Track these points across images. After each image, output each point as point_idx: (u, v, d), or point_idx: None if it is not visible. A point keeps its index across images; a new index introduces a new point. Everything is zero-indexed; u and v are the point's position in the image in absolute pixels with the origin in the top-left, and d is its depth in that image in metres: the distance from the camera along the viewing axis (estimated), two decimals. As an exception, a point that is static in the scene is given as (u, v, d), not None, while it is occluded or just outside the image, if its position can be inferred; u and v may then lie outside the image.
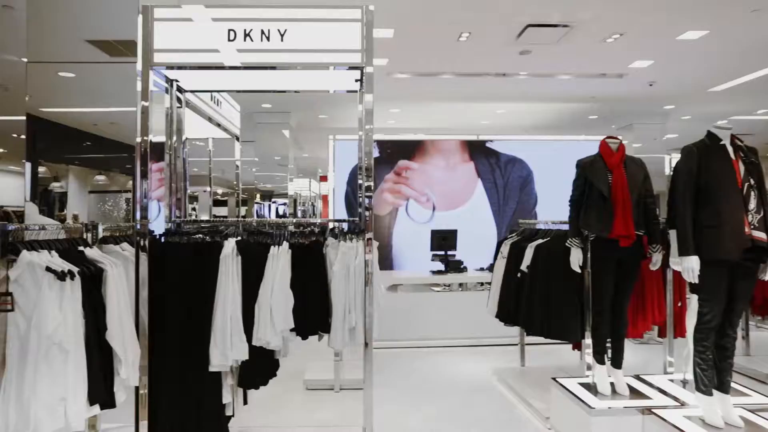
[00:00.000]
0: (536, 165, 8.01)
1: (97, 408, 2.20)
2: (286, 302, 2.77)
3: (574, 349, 4.15)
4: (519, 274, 3.92)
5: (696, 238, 2.70)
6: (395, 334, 5.58)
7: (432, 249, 6.35)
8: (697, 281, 2.72)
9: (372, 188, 2.99)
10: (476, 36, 6.01)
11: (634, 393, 3.25)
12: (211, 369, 2.70)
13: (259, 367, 2.87)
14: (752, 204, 2.68)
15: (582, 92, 8.66)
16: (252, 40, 2.86)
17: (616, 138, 3.29)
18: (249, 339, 2.73)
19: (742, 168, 2.73)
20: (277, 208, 12.64)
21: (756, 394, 3.25)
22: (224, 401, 2.85)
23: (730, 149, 2.77)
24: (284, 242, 2.89)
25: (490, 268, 4.81)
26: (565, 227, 3.50)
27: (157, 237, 2.87)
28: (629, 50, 6.51)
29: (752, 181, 2.71)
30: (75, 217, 4.03)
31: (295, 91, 3.76)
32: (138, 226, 2.71)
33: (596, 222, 3.11)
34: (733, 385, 3.16)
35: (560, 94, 8.87)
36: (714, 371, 2.82)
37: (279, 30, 2.88)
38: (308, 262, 2.95)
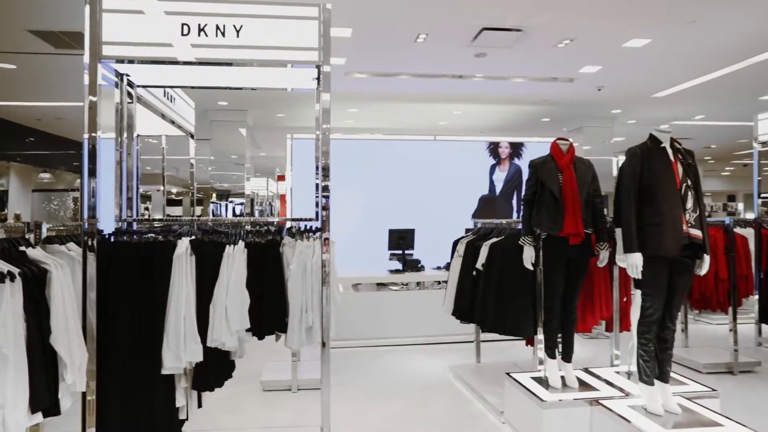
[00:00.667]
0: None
1: (39, 416, 2.11)
2: (241, 302, 2.73)
3: (527, 344, 4.26)
4: (474, 272, 4.00)
5: (639, 236, 2.84)
6: (354, 333, 5.59)
7: (390, 248, 6.40)
8: (640, 277, 2.86)
9: (329, 188, 2.99)
10: (433, 38, 6.10)
11: (583, 385, 3.38)
12: (164, 372, 2.63)
13: (214, 369, 2.81)
14: (689, 203, 2.84)
15: (535, 95, 8.93)
16: (207, 35, 2.81)
17: (566, 140, 3.41)
18: (204, 340, 2.68)
19: (680, 169, 2.89)
20: (233, 208, 12.41)
21: (693, 382, 3.44)
22: (177, 404, 2.78)
23: (669, 152, 2.93)
24: (240, 241, 2.85)
25: (447, 267, 4.89)
26: (519, 226, 3.61)
27: (107, 236, 2.77)
28: (579, 56, 6.76)
29: (689, 182, 2.88)
30: (17, 217, 3.85)
31: (252, 89, 3.71)
32: (85, 226, 2.61)
33: (547, 220, 3.22)
34: (672, 374, 3.35)
35: (514, 97, 9.11)
36: (655, 362, 2.96)
37: (235, 26, 2.84)
38: (264, 262, 2.92)
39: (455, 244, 4.52)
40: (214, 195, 11.83)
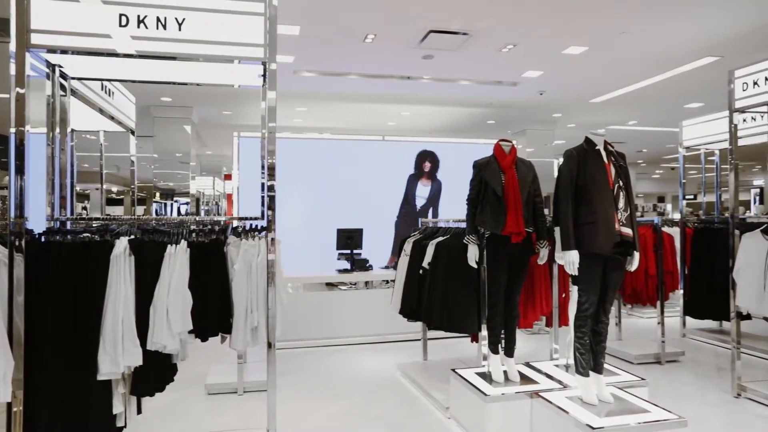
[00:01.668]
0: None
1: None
2: (183, 303, 2.66)
3: (472, 341, 4.36)
4: (421, 271, 4.07)
5: (575, 234, 2.97)
6: (303, 333, 5.56)
7: (338, 248, 6.39)
8: (576, 273, 3.00)
9: (274, 188, 2.96)
10: (381, 38, 6.14)
11: (525, 379, 3.49)
12: (100, 377, 2.51)
13: (155, 373, 2.72)
14: (621, 203, 3.00)
15: (481, 98, 9.16)
16: (147, 28, 2.70)
17: (508, 141, 3.52)
18: (143, 343, 2.59)
19: (613, 171, 3.05)
20: (178, 208, 12.02)
21: (625, 373, 3.64)
22: (115, 411, 2.66)
23: (603, 154, 3.08)
24: (182, 241, 2.77)
25: (395, 266, 4.94)
26: (465, 225, 3.69)
27: (36, 236, 2.62)
28: (521, 60, 6.99)
29: (621, 183, 3.04)
30: (-66, 216, 3.58)
31: (197, 84, 3.61)
32: (12, 225, 2.46)
33: (490, 219, 3.32)
34: (606, 366, 3.53)
35: (461, 99, 9.31)
36: (591, 354, 3.11)
37: (177, 19, 2.75)
38: (208, 261, 2.85)
39: (402, 243, 4.57)
40: (157, 194, 11.40)
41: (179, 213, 11.90)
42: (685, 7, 5.19)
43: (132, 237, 2.72)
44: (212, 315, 2.83)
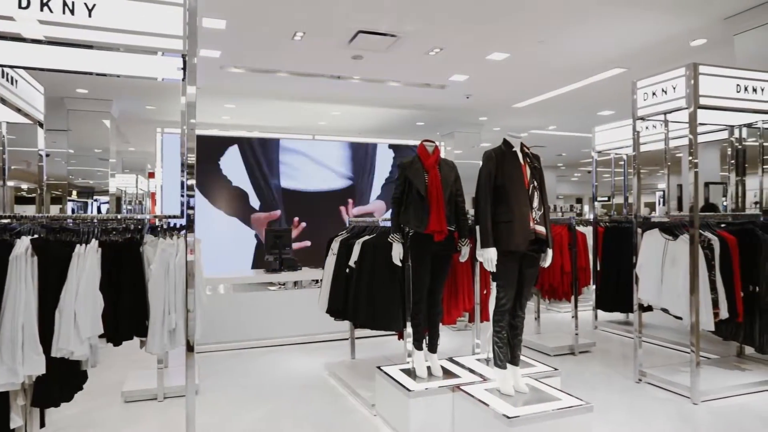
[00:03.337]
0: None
1: None
2: (93, 306, 2.52)
3: (399, 339, 4.43)
4: (347, 270, 4.08)
5: (494, 232, 3.11)
6: (230, 335, 5.43)
7: (266, 248, 6.29)
8: (495, 270, 3.13)
9: (194, 187, 2.87)
10: (310, 37, 6.11)
11: (447, 374, 3.59)
12: (-4, 388, 2.34)
13: (60, 382, 2.56)
14: (536, 202, 3.17)
15: (410, 100, 9.32)
16: (51, 12, 2.53)
17: (431, 141, 3.62)
18: (48, 350, 2.42)
19: (528, 172, 3.21)
20: (98, 207, 11.31)
21: (541, 364, 3.84)
22: (13, 426, 2.48)
23: (519, 155, 3.24)
24: (93, 240, 2.63)
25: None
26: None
27: None
28: (448, 64, 7.19)
29: (536, 183, 3.21)
30: None
31: (117, 76, 3.37)
32: None
33: (414, 218, 3.39)
34: (524, 358, 3.71)
35: (391, 100, 9.43)
36: (508, 348, 3.26)
37: (86, 4, 2.60)
38: (122, 262, 2.72)
39: (330, 242, 4.57)
40: (74, 192, 10.67)
41: (99, 212, 11.22)
42: (596, 20, 5.56)
43: (35, 236, 2.54)
44: (126, 318, 2.71)
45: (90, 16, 2.60)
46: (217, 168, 7.65)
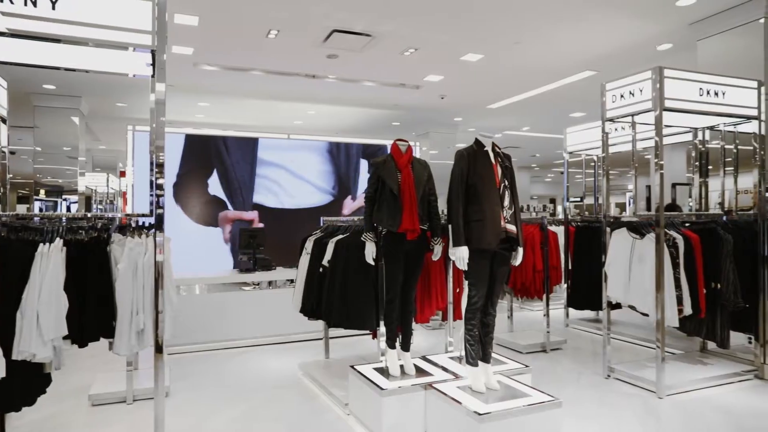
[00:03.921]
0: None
1: None
2: (57, 307, 2.46)
3: (373, 338, 4.44)
4: (321, 269, 4.07)
5: (465, 231, 3.14)
6: (203, 336, 5.36)
7: (240, 247, 6.23)
8: (466, 268, 3.16)
9: (163, 186, 2.82)
10: (285, 35, 6.07)
11: (420, 372, 3.61)
12: (-46, 393, 2.27)
13: (22, 386, 2.49)
14: (506, 201, 3.21)
15: (385, 99, 9.34)
16: (12, 3, 2.46)
17: (405, 140, 3.63)
18: (8, 353, 2.36)
19: (499, 171, 3.25)
20: (68, 206, 11.04)
21: (512, 362, 3.89)
22: (-27, 430, 2.41)
23: (491, 155, 3.28)
24: (57, 239, 2.56)
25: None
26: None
27: None
28: (423, 64, 7.23)
29: (507, 182, 3.25)
30: None
31: (86, 71, 3.27)
32: None
33: (387, 217, 3.40)
34: (496, 356, 3.75)
35: (366, 100, 9.43)
36: (480, 345, 3.30)
37: (49, -3, 2.53)
38: (88, 261, 2.67)
39: (304, 241, 4.55)
40: (42, 191, 10.38)
41: (68, 212, 10.98)
42: (568, 24, 5.66)
43: (-4, 236, 2.47)
44: (92, 318, 2.65)
45: (54, 8, 2.54)
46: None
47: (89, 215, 2.98)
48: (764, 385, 4.21)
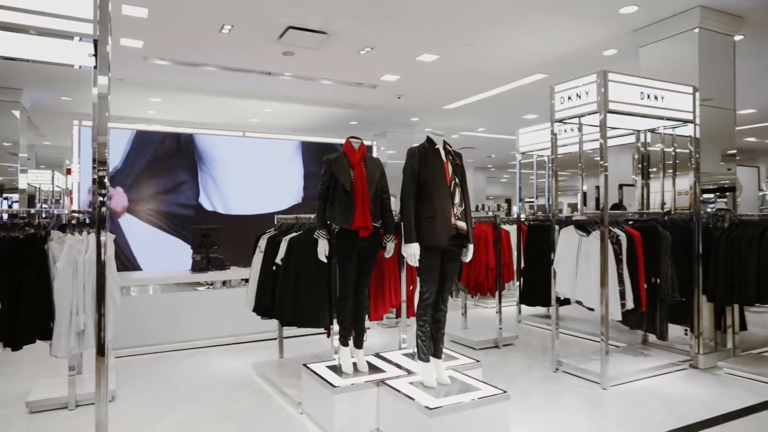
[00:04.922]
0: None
1: None
2: (-12, 308, 2.34)
3: (328, 336, 4.42)
4: (274, 267, 4.03)
5: (416, 228, 3.17)
6: (154, 337, 5.22)
7: (193, 247, 6.09)
8: (418, 265, 3.20)
9: (105, 183, 2.73)
10: (239, 30, 5.96)
11: (374, 369, 3.63)
12: None
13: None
14: (457, 198, 3.26)
15: (342, 98, 9.31)
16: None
17: (358, 138, 3.64)
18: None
19: (450, 169, 3.30)
20: (10, 205, 10.49)
21: (463, 357, 3.97)
22: None
23: (442, 153, 3.33)
24: (-12, 238, 2.44)
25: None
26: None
27: None
28: (379, 64, 7.24)
29: (457, 180, 3.31)
30: None
31: (27, 61, 3.05)
32: None
33: (340, 214, 3.40)
34: (448, 351, 3.81)
35: (323, 99, 9.37)
36: (431, 341, 3.34)
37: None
38: (23, 259, 2.54)
39: (257, 240, 4.49)
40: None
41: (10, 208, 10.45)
42: (519, 27, 5.80)
43: None
44: (27, 319, 2.53)
45: (-15, -7, 2.41)
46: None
47: (34, 212, 2.85)
48: (698, 374, 4.46)
